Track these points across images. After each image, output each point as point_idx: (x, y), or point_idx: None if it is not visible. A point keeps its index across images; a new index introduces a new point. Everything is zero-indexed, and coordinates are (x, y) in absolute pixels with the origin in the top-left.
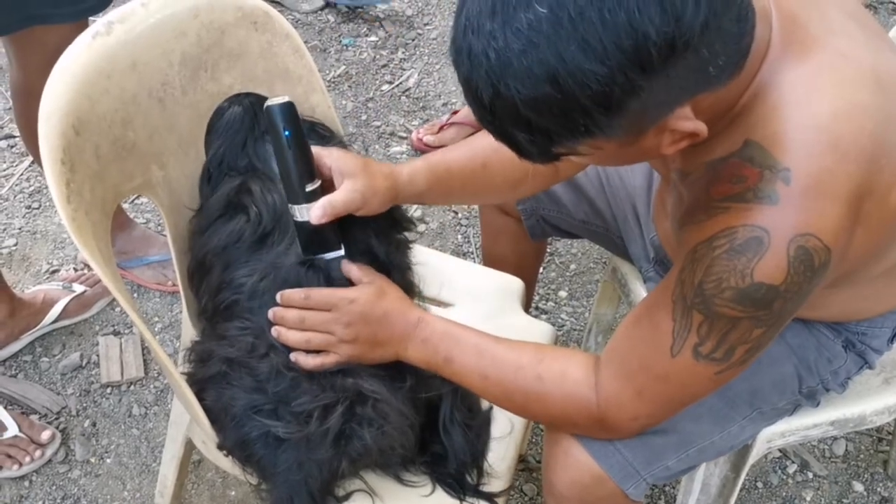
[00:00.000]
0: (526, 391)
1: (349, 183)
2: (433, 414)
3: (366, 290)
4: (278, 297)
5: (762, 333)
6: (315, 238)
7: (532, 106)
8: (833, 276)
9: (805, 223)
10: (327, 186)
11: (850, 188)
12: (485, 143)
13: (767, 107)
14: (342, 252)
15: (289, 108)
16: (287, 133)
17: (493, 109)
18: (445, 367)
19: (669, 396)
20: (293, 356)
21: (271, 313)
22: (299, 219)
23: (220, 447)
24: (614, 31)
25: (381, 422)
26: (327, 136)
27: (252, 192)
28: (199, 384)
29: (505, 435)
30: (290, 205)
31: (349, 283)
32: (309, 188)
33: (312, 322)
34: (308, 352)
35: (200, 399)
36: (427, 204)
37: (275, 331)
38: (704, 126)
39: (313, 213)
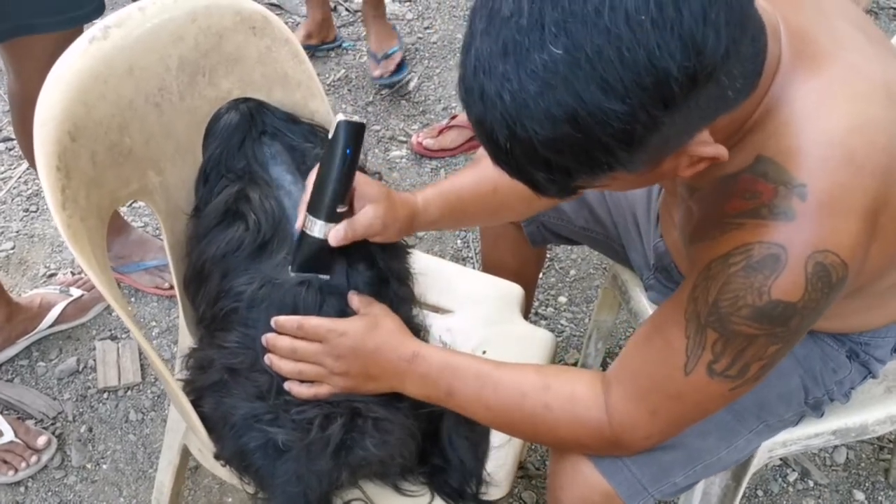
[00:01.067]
0: (534, 420)
1: (371, 209)
2: (434, 424)
3: (357, 322)
4: (273, 322)
5: (777, 350)
6: (317, 256)
7: (551, 146)
8: (847, 290)
9: (822, 239)
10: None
11: (865, 203)
12: (493, 168)
13: (779, 122)
14: (328, 278)
15: (360, 129)
16: (349, 151)
17: (510, 150)
18: (448, 401)
19: (682, 414)
20: (287, 385)
21: (264, 339)
22: (315, 235)
23: (217, 457)
24: (634, 69)
25: (383, 432)
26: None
27: (251, 200)
28: (198, 392)
29: (504, 443)
30: (309, 216)
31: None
32: (339, 210)
33: (304, 353)
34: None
35: (198, 406)
36: (442, 229)
37: (267, 358)
38: (725, 150)
39: (334, 234)
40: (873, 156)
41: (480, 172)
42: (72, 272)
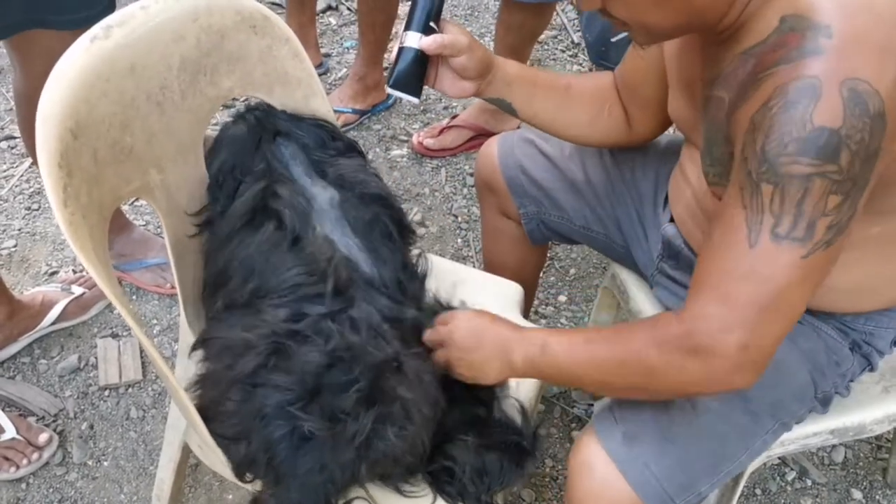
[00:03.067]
0: (612, 344)
1: (457, 28)
2: (442, 427)
3: (455, 325)
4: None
5: (840, 203)
6: (411, 72)
7: None
8: (883, 176)
9: (852, 68)
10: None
11: (891, 45)
12: (570, 76)
13: None
14: (417, 101)
15: None
16: None
17: None
18: (541, 358)
19: (758, 298)
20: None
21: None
22: (411, 45)
23: (241, 462)
24: None
25: (405, 422)
26: (333, 132)
27: (280, 196)
28: (230, 382)
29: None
30: (406, 33)
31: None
32: (431, 24)
33: (438, 358)
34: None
35: (223, 402)
36: (510, 101)
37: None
38: None
39: (425, 41)
40: (894, 9)
41: (558, 74)
42: (73, 270)
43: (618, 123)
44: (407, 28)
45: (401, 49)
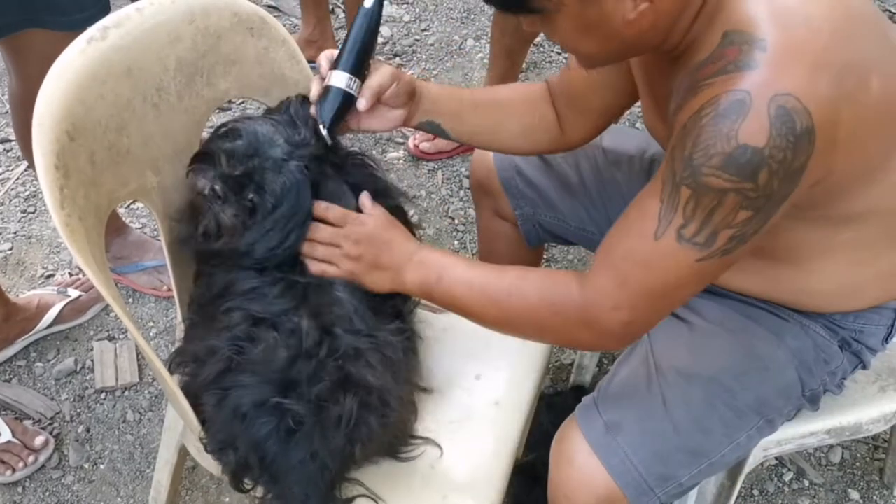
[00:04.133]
0: (508, 290)
1: (380, 66)
2: None
3: (378, 215)
4: None
5: (748, 218)
6: (338, 115)
7: None
8: (824, 185)
9: (783, 84)
10: None
11: (826, 58)
12: (499, 88)
13: (737, 1)
14: (330, 142)
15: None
16: (375, 12)
17: None
18: (436, 287)
19: (651, 286)
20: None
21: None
22: (338, 85)
23: (235, 470)
24: None
25: (385, 409)
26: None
27: None
28: (199, 387)
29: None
30: (332, 70)
31: None
32: (363, 66)
33: (321, 234)
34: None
35: (198, 407)
36: (440, 122)
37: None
38: None
39: (361, 102)
40: (832, 20)
41: (489, 88)
42: (70, 273)
43: (549, 129)
44: (335, 66)
45: (327, 87)
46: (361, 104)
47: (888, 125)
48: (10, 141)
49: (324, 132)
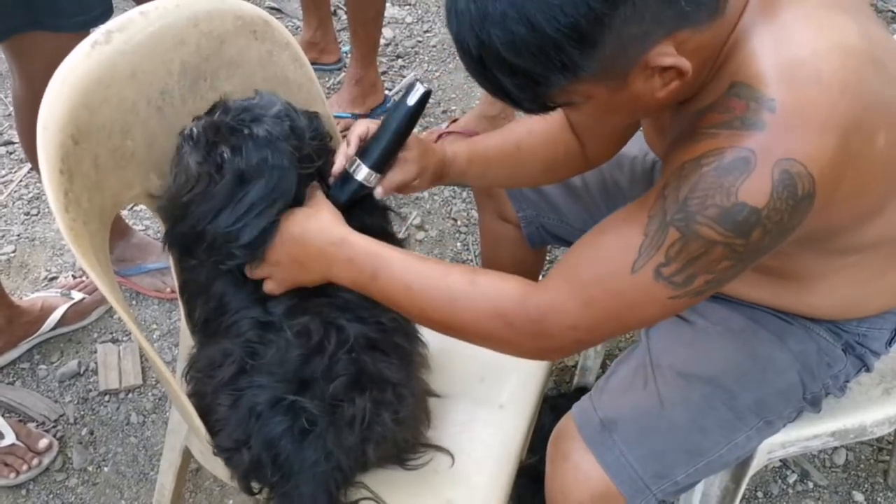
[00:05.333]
0: (453, 295)
1: (404, 154)
2: None
3: (287, 214)
4: None
5: (729, 267)
6: (350, 200)
7: (511, 48)
8: (824, 226)
9: (789, 148)
10: None
11: (834, 120)
12: (519, 128)
13: (748, 51)
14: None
15: (428, 95)
16: (414, 111)
17: (481, 59)
18: (372, 285)
19: (616, 313)
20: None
21: None
22: (358, 178)
23: (247, 469)
24: None
25: (399, 406)
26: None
27: None
28: (213, 393)
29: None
30: (358, 160)
31: None
32: (388, 162)
33: (266, 288)
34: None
35: (213, 410)
36: (470, 183)
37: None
38: (687, 62)
39: (379, 191)
40: (842, 77)
41: (506, 132)
42: (73, 275)
43: (574, 158)
44: (362, 155)
45: (347, 174)
46: (378, 193)
47: (892, 171)
48: (14, 143)
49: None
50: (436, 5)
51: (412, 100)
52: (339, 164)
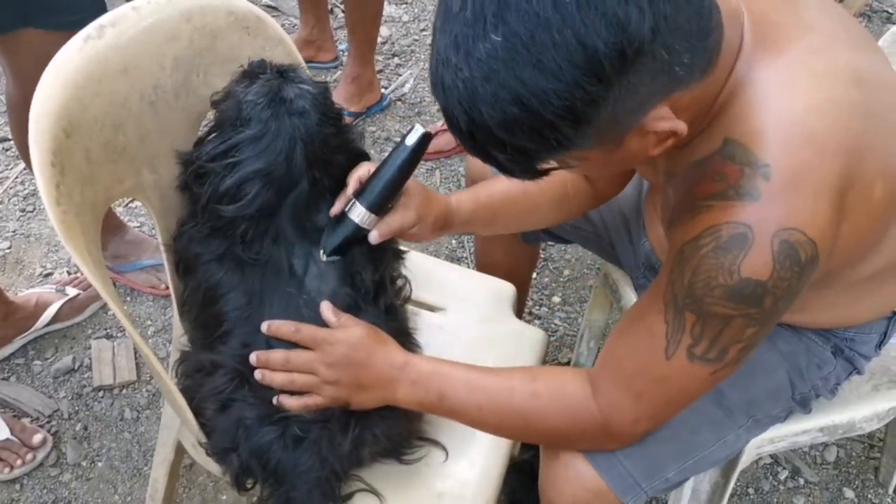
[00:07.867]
0: (523, 412)
1: (405, 200)
2: None
3: (351, 332)
4: (264, 326)
5: (755, 332)
6: (346, 243)
7: (504, 128)
8: (822, 272)
9: (787, 218)
10: None
11: (830, 181)
12: None
13: (743, 104)
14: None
15: (429, 139)
16: (415, 156)
17: (472, 134)
18: (440, 405)
19: (668, 398)
20: (277, 399)
21: (254, 357)
22: (355, 219)
23: (235, 470)
24: (565, 49)
25: (389, 422)
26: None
27: None
28: (201, 397)
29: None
30: (356, 201)
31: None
32: (388, 205)
33: (296, 361)
34: (293, 393)
35: (199, 411)
36: (476, 232)
37: (258, 373)
38: (683, 124)
39: (373, 235)
40: (835, 134)
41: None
42: (68, 272)
43: (582, 195)
44: (360, 197)
45: (344, 215)
46: (373, 238)
47: (888, 213)
48: (9, 140)
49: (323, 257)
50: (432, 4)
51: (411, 140)
52: (338, 206)
